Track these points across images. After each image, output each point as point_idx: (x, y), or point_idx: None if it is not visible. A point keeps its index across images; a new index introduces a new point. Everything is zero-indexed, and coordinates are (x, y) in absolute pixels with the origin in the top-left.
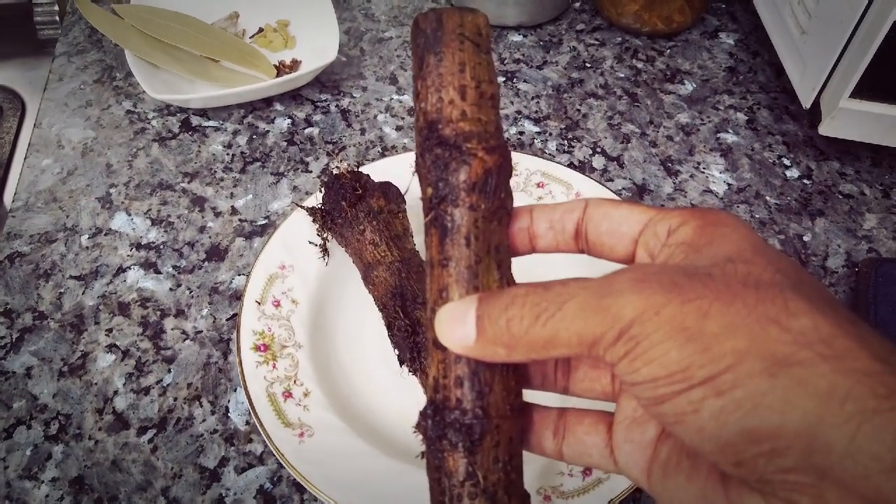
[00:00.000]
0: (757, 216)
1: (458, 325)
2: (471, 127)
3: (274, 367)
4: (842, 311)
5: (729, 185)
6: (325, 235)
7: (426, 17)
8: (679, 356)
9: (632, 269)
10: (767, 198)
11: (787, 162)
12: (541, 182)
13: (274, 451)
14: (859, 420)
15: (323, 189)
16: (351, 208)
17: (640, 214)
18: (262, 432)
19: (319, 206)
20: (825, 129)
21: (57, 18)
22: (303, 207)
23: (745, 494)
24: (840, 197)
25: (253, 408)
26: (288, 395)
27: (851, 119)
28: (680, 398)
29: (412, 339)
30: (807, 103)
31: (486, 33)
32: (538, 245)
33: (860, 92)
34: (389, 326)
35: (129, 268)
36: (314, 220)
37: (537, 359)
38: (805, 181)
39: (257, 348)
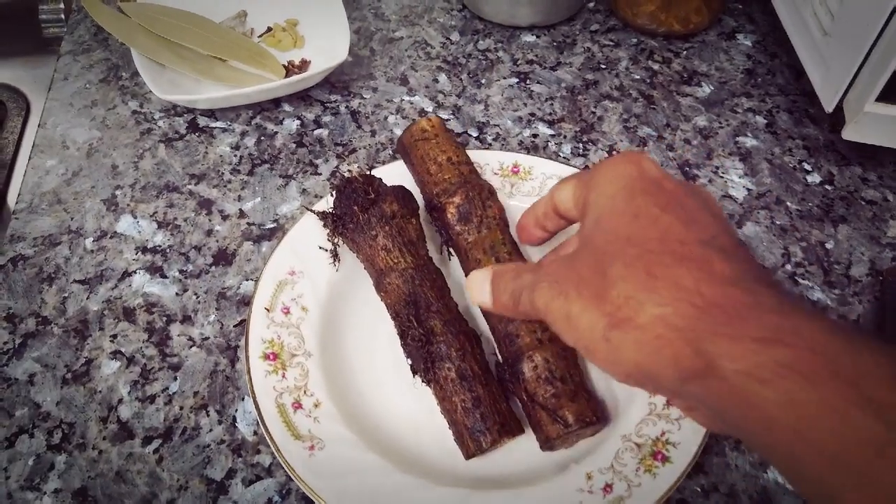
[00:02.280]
0: (778, 222)
1: (480, 292)
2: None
3: (283, 376)
4: (642, 272)
5: (749, 190)
6: (335, 240)
7: (400, 140)
8: (571, 335)
9: (547, 263)
10: (788, 203)
11: (807, 167)
12: None
13: (283, 465)
14: (655, 356)
15: (334, 193)
16: (363, 213)
17: (570, 190)
18: (271, 445)
19: (330, 210)
20: (849, 134)
21: (62, 16)
22: (313, 211)
23: None
24: (863, 203)
25: (262, 419)
26: (298, 405)
27: (877, 123)
28: (587, 358)
29: (426, 349)
30: (829, 107)
31: (431, 127)
32: (549, 229)
33: (887, 95)
34: (402, 335)
35: (135, 272)
36: (325, 225)
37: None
38: (827, 187)
39: (266, 357)
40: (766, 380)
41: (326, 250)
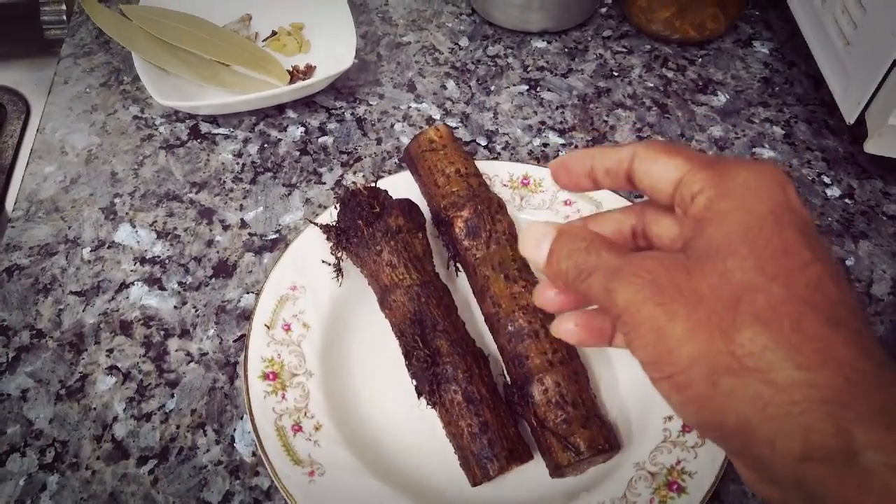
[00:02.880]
0: None
1: (535, 246)
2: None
3: (283, 397)
4: (782, 320)
5: None
6: (339, 255)
7: (406, 151)
8: (651, 352)
9: (640, 257)
10: None
11: (827, 180)
12: (567, 200)
13: (282, 491)
14: (778, 422)
15: (338, 205)
16: (368, 227)
17: (673, 171)
18: (269, 470)
19: (334, 223)
20: (871, 147)
21: (64, 18)
22: (316, 224)
23: None
24: (884, 218)
25: (260, 443)
26: (298, 428)
27: None
28: (658, 385)
29: (431, 370)
30: (850, 119)
31: (438, 137)
32: (602, 185)
33: None
34: (407, 356)
35: (133, 283)
36: (328, 239)
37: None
38: (847, 201)
39: (266, 377)
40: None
41: (329, 265)
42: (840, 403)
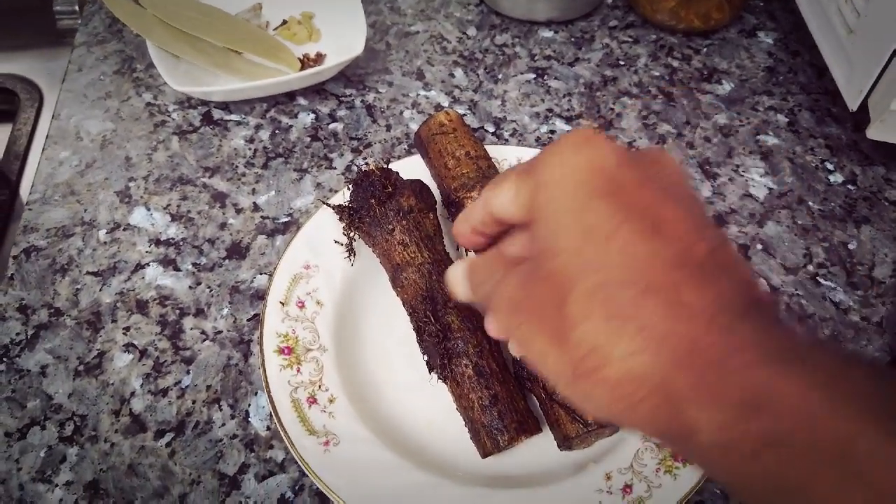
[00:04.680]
0: (800, 222)
1: (460, 288)
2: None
3: (298, 371)
4: (603, 311)
5: (770, 189)
6: (351, 234)
7: (417, 134)
8: (538, 366)
9: (508, 278)
10: (810, 203)
11: (830, 166)
12: None
13: (298, 460)
14: (630, 414)
15: (351, 186)
16: (380, 206)
17: (508, 192)
18: (285, 440)
19: (347, 203)
20: (874, 133)
21: (76, 8)
22: (329, 205)
23: None
24: (886, 204)
25: (277, 414)
26: (313, 400)
27: None
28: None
29: (443, 345)
30: (853, 106)
31: (449, 121)
32: (492, 234)
33: None
34: (419, 331)
35: (148, 264)
36: (340, 219)
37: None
38: (849, 186)
39: (281, 351)
40: (746, 454)
41: (342, 244)
42: (667, 383)
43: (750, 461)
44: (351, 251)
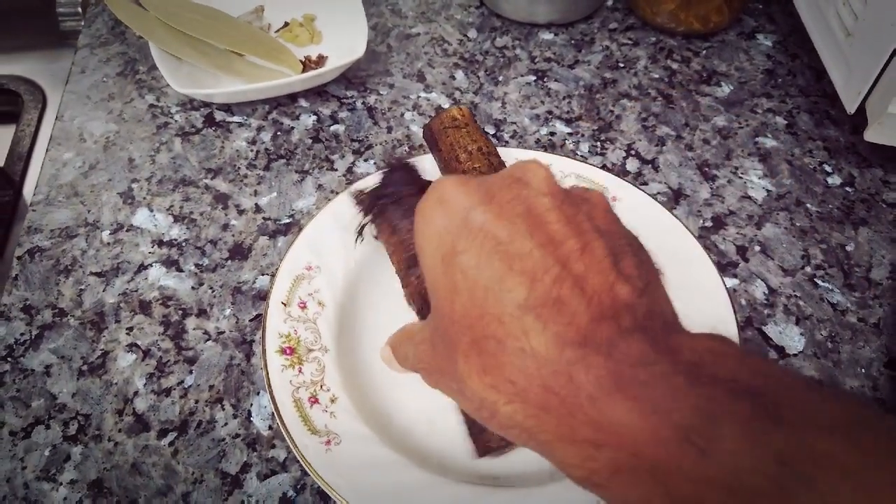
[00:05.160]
0: (798, 224)
1: (392, 366)
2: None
3: (300, 371)
4: (458, 368)
5: (768, 191)
6: (371, 221)
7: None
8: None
9: (416, 345)
10: (808, 205)
11: (828, 168)
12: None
13: (300, 459)
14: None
15: (386, 171)
16: (410, 198)
17: None
18: (287, 439)
19: (376, 187)
20: (871, 136)
21: (79, 10)
22: (353, 191)
23: None
24: (884, 206)
25: (279, 413)
26: (314, 400)
27: None
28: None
29: None
30: (851, 108)
31: (461, 116)
32: None
33: None
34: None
35: (151, 265)
36: (360, 203)
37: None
38: (847, 189)
39: (283, 351)
40: (602, 484)
41: (358, 233)
42: (537, 431)
43: (606, 488)
44: (360, 235)
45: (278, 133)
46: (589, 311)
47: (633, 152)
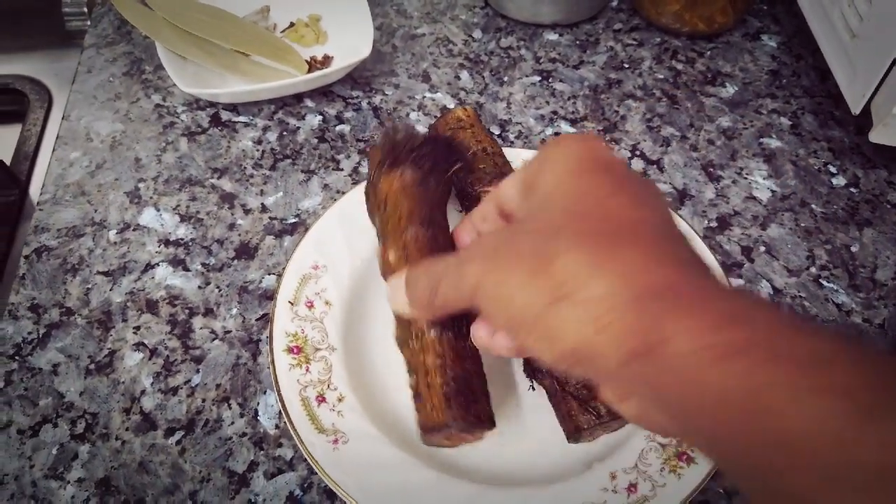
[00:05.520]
0: (802, 225)
1: (398, 296)
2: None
3: (307, 370)
4: (583, 247)
5: (773, 191)
6: (384, 171)
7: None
8: (505, 315)
9: (478, 238)
10: (813, 206)
11: (833, 169)
12: None
13: (307, 458)
14: (604, 332)
15: (430, 136)
16: (443, 171)
17: (513, 178)
18: (295, 437)
19: (415, 140)
20: (876, 137)
21: (85, 10)
22: (391, 126)
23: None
24: (889, 206)
25: (286, 412)
26: (321, 399)
27: None
28: (520, 344)
29: None
30: (856, 109)
31: (466, 116)
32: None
33: None
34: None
35: (158, 264)
36: (393, 144)
37: (447, 315)
38: (852, 189)
39: (290, 350)
40: (719, 359)
41: (384, 167)
42: (640, 307)
43: (712, 367)
44: (382, 169)
45: (284, 133)
46: (699, 258)
47: (638, 153)
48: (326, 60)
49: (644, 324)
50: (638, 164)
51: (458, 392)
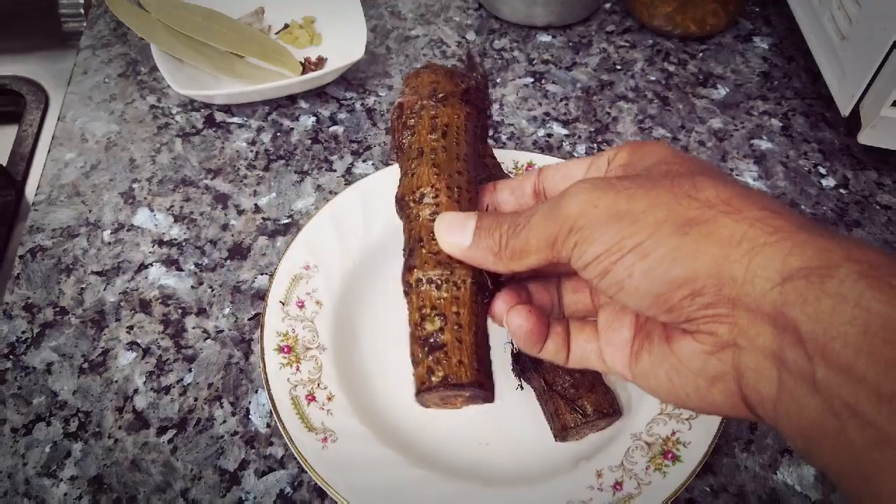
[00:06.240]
0: None
1: (457, 232)
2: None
3: (297, 369)
4: (738, 184)
5: (763, 192)
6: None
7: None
8: (613, 232)
9: (578, 182)
10: (803, 207)
11: (822, 170)
12: None
13: (297, 456)
14: (753, 253)
15: (469, 60)
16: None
17: (585, 162)
18: (284, 436)
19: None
20: (865, 138)
21: (82, 11)
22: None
23: (681, 342)
24: (878, 207)
25: (276, 411)
26: (311, 398)
27: (893, 128)
28: (618, 266)
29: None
30: (845, 111)
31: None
32: (503, 210)
33: None
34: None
35: (151, 264)
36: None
37: (517, 268)
38: (841, 191)
39: (281, 350)
40: (843, 279)
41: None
42: (814, 231)
43: (842, 285)
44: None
45: (278, 134)
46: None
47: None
48: (320, 62)
49: (813, 248)
50: None
51: (486, 356)
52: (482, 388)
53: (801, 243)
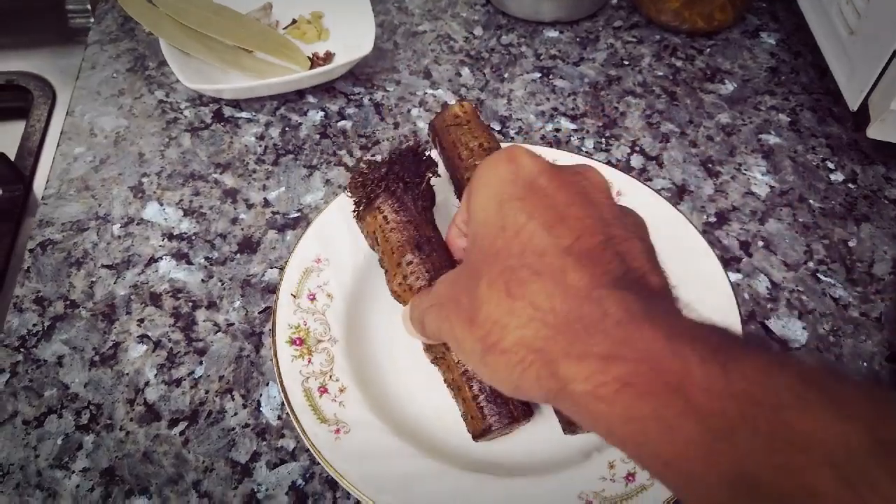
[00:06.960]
0: (800, 220)
1: (410, 330)
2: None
3: (309, 361)
4: (501, 290)
5: (771, 187)
6: (373, 193)
7: (431, 124)
8: (460, 355)
9: (437, 284)
10: (811, 201)
11: (831, 165)
12: None
13: (310, 447)
14: (525, 378)
15: (393, 154)
16: (417, 185)
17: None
18: (297, 428)
19: (383, 165)
20: (874, 133)
21: (89, 7)
22: (356, 170)
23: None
24: (886, 202)
25: (289, 402)
26: (324, 390)
27: None
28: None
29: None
30: (853, 105)
31: (463, 112)
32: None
33: None
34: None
35: (161, 258)
36: (363, 179)
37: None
38: (850, 185)
39: (293, 342)
40: (607, 398)
41: (363, 203)
42: (546, 350)
43: (611, 403)
44: (363, 205)
45: (286, 129)
46: (625, 270)
47: (637, 149)
48: (328, 57)
49: (547, 369)
50: (638, 160)
51: (488, 400)
52: (498, 425)
53: (543, 364)
